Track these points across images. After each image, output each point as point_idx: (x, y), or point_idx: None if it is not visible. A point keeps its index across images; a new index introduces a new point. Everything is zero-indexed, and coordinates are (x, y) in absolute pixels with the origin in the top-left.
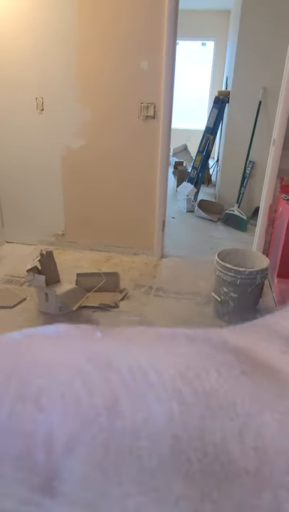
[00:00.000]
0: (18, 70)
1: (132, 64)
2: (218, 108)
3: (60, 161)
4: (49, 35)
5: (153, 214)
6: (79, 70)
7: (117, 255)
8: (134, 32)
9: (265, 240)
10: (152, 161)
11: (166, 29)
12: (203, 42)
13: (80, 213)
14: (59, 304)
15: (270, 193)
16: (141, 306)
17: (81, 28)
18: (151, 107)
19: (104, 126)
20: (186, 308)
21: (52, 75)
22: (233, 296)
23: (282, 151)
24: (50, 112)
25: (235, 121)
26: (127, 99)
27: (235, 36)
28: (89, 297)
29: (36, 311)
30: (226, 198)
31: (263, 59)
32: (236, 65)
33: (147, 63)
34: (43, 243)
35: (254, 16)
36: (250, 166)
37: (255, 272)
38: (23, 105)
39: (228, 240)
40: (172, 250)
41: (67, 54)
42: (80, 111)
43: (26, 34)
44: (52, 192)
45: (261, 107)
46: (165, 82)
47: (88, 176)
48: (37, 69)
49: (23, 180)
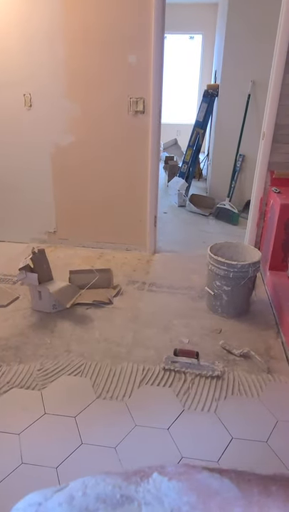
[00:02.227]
0: (6, 67)
1: (119, 59)
2: (208, 102)
3: (49, 157)
4: (36, 31)
5: (145, 209)
6: (67, 66)
7: (110, 251)
8: (122, 26)
9: (257, 233)
10: (143, 156)
11: (154, 23)
12: (191, 35)
13: (71, 210)
14: (53, 302)
15: (260, 186)
16: (135, 301)
17: (68, 23)
18: (141, 101)
19: (94, 122)
20: (180, 302)
21: (40, 71)
22: (226, 289)
23: (272, 144)
24: (39, 109)
25: (225, 114)
26: (115, 95)
27: (223, 29)
28: (82, 294)
29: (30, 309)
30: (217, 191)
31: (252, 52)
32: (224, 59)
33: (135, 58)
34: (34, 241)
35: (241, 9)
36: (240, 160)
37: (247, 265)
38: (11, 102)
39: (220, 234)
40: (165, 245)
41: (54, 50)
42: (69, 107)
43: (13, 30)
44: (42, 189)
45: (250, 100)
46: (154, 77)
47: (78, 173)
48: (24, 65)
49: (13, 178)
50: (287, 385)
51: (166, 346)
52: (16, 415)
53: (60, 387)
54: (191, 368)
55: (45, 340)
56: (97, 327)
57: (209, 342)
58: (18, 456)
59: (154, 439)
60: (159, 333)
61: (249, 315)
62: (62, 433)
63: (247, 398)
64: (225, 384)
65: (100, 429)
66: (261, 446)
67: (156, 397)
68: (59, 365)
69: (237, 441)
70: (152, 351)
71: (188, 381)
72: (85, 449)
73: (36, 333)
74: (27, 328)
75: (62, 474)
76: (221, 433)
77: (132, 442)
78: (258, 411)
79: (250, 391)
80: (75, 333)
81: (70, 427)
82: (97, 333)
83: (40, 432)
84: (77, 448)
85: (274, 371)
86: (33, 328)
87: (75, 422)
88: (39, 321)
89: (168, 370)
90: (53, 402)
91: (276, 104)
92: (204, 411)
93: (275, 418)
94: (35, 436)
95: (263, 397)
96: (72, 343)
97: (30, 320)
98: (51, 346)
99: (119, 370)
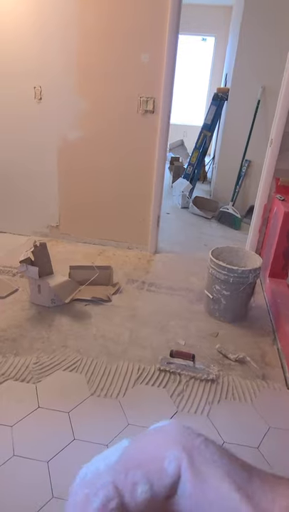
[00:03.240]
0: (18, 59)
1: (132, 57)
2: (217, 105)
3: (56, 151)
4: (51, 25)
5: (148, 209)
6: (79, 61)
7: (111, 249)
8: (136, 24)
9: (259, 240)
10: (149, 156)
11: (169, 23)
12: (203, 37)
13: (74, 205)
14: (52, 296)
15: (265, 192)
16: (133, 300)
17: (83, 18)
18: (151, 101)
19: (103, 119)
20: (179, 304)
21: (52, 65)
22: (226, 294)
23: (279, 151)
24: (49, 102)
25: (233, 119)
26: (126, 92)
27: (236, 33)
28: (82, 290)
29: (28, 302)
30: (220, 195)
31: (264, 58)
32: (236, 63)
33: (148, 56)
34: (36, 234)
35: (256, 14)
36: (246, 165)
37: (248, 270)
38: (22, 93)
39: (222, 238)
40: (166, 246)
41: (68, 44)
42: (79, 102)
43: (28, 23)
44: (47, 183)
45: (260, 106)
46: (166, 77)
47: (84, 168)
48: (37, 57)
49: (18, 170)
50: (281, 392)
51: (163, 347)
52: (10, 407)
53: (55, 381)
54: (187, 370)
55: (42, 334)
56: (95, 324)
57: (205, 345)
58: (10, 448)
59: None
60: (156, 333)
61: (247, 321)
62: (55, 428)
63: (240, 403)
64: (219, 388)
65: (93, 425)
66: (252, 452)
67: (150, 397)
68: (55, 360)
69: (228, 446)
70: (148, 351)
71: (182, 383)
72: (77, 445)
73: (34, 326)
74: (25, 320)
75: (54, 468)
76: (213, 437)
77: None
78: (251, 416)
79: (244, 396)
80: (73, 329)
81: (63, 422)
82: (95, 329)
83: (33, 425)
84: (69, 443)
85: (268, 378)
86: (31, 321)
87: (69, 418)
88: (37, 314)
89: (163, 370)
90: (48, 396)
91: (286, 112)
92: (197, 414)
93: (267, 424)
94: (28, 429)
95: (256, 403)
96: (69, 338)
97: (29, 313)
98: (48, 340)
99: (115, 368)
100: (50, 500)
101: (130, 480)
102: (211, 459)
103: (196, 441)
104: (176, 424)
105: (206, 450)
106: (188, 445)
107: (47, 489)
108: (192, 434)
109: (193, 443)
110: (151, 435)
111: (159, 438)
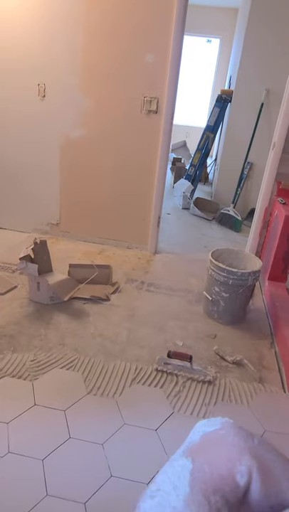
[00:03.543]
0: (23, 55)
1: (137, 56)
2: (220, 107)
3: (58, 149)
4: (56, 23)
5: (149, 209)
6: (84, 59)
7: (111, 248)
8: (142, 24)
9: (259, 242)
10: (152, 157)
11: (175, 23)
12: (208, 39)
13: (75, 204)
14: (50, 294)
15: (266, 195)
16: (132, 300)
17: (88, 16)
18: (154, 101)
19: (106, 118)
20: (177, 304)
21: (56, 62)
22: (225, 295)
23: (282, 155)
24: (52, 99)
25: (236, 121)
26: (130, 92)
27: (241, 35)
28: (81, 289)
29: (27, 299)
30: (222, 197)
31: (268, 61)
32: (241, 65)
33: (153, 57)
34: (36, 231)
35: (262, 17)
36: (248, 167)
37: (247, 273)
38: (25, 90)
39: (222, 240)
40: (166, 246)
41: (73, 42)
42: (82, 100)
43: (33, 20)
44: (48, 180)
45: (263, 109)
46: (170, 77)
47: (86, 167)
48: (42, 55)
49: (20, 166)
50: (278, 395)
51: (160, 347)
52: (6, 404)
53: (51, 379)
54: (184, 371)
55: (40, 332)
56: (93, 323)
57: (203, 346)
58: (6, 445)
59: (141, 438)
60: (154, 333)
61: (245, 323)
62: (51, 425)
63: (237, 405)
64: (216, 389)
65: (89, 424)
66: None
67: (146, 397)
68: (52, 358)
69: None
70: (146, 351)
71: (179, 384)
72: (73, 443)
73: (32, 323)
74: (23, 318)
75: (48, 466)
76: None
77: (119, 440)
78: (247, 419)
79: (241, 399)
80: (71, 327)
81: (59, 420)
82: (93, 328)
83: (28, 423)
84: (64, 441)
85: (265, 381)
86: (29, 318)
87: (65, 416)
88: (35, 311)
89: (160, 371)
90: (44, 394)
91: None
92: (193, 415)
93: (262, 428)
94: (23, 427)
95: (252, 405)
96: (67, 336)
97: (27, 310)
98: (46, 338)
99: (112, 368)
100: (44, 497)
101: (214, 508)
102: (271, 459)
103: (255, 441)
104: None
105: (265, 450)
106: (253, 449)
107: (41, 487)
108: (249, 435)
109: (254, 444)
110: (214, 448)
111: (224, 450)
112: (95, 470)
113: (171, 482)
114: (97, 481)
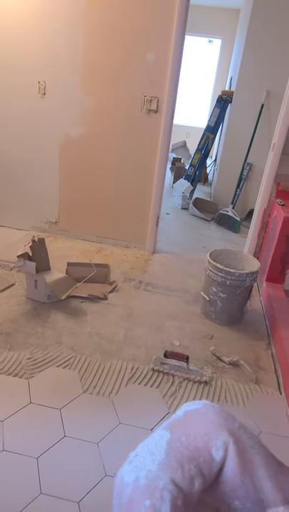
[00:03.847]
0: (24, 52)
1: (138, 55)
2: (221, 107)
3: (58, 147)
4: (57, 20)
5: (148, 208)
6: (84, 57)
7: (109, 247)
8: (143, 23)
9: (257, 243)
10: (151, 156)
11: (176, 23)
12: (209, 39)
13: (74, 202)
14: (48, 292)
15: (265, 197)
16: (130, 299)
17: (90, 14)
18: (155, 100)
19: (106, 116)
20: (175, 304)
21: (56, 60)
22: (222, 296)
23: (281, 156)
24: (52, 97)
25: (237, 122)
26: (130, 91)
27: (243, 36)
28: (78, 287)
29: (24, 297)
30: (221, 198)
31: (269, 62)
32: (242, 66)
33: (154, 56)
34: (35, 229)
35: (263, 18)
36: (247, 168)
37: (245, 274)
38: (25, 87)
39: (220, 240)
40: (164, 246)
41: (73, 40)
42: (82, 99)
43: (34, 17)
44: (48, 178)
45: (263, 110)
46: (170, 77)
47: (86, 165)
48: (42, 52)
49: (19, 164)
50: (274, 396)
51: (157, 347)
52: (1, 402)
53: (47, 377)
54: (180, 371)
55: (37, 330)
56: (90, 321)
57: (200, 347)
58: (0, 443)
59: (137, 438)
60: (151, 333)
61: (242, 324)
62: (46, 424)
63: (232, 406)
64: (212, 390)
65: (84, 423)
66: None
67: (142, 397)
68: (48, 356)
69: None
70: (143, 351)
71: (175, 384)
72: (68, 442)
73: (29, 321)
74: (20, 315)
75: (43, 465)
76: None
77: (114, 439)
78: (242, 420)
79: (236, 399)
80: (68, 326)
81: (54, 419)
82: (90, 327)
83: (24, 421)
84: (59, 440)
85: (262, 382)
86: (26, 316)
87: (60, 414)
88: (33, 309)
89: (156, 371)
90: (40, 392)
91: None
92: None
93: (258, 429)
94: (18, 425)
95: (248, 406)
96: (64, 335)
97: (24, 308)
98: (42, 336)
99: (108, 367)
100: (38, 496)
101: (187, 475)
102: (250, 444)
103: (235, 424)
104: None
105: (245, 434)
106: (231, 428)
107: (35, 485)
108: (230, 416)
109: (233, 426)
110: (193, 422)
111: (203, 425)
112: (90, 469)
113: (149, 449)
114: (91, 480)
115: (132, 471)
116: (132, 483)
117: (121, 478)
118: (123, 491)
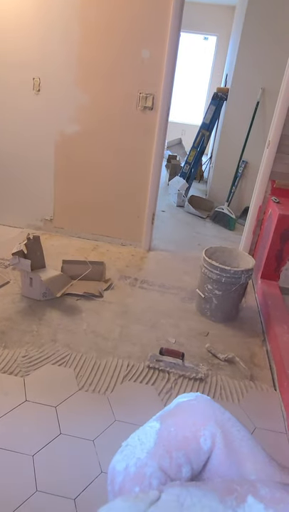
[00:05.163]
0: (18, 48)
1: (133, 52)
2: (216, 105)
3: (53, 144)
4: (52, 16)
5: (143, 206)
6: (79, 54)
7: (105, 245)
8: (138, 20)
9: (252, 241)
10: (147, 153)
11: (171, 19)
12: (205, 36)
13: (69, 200)
14: (43, 290)
15: (260, 194)
16: (125, 297)
17: (85, 11)
18: (150, 97)
19: (101, 114)
20: (170, 302)
21: (51, 57)
22: (217, 293)
23: (276, 153)
24: (47, 94)
25: (232, 119)
26: (125, 88)
27: (238, 34)
28: (74, 285)
29: (19, 295)
30: (216, 195)
31: (265, 60)
32: (237, 63)
33: (149, 53)
34: (30, 227)
35: (259, 15)
36: (242, 166)
37: (240, 271)
38: (20, 84)
39: (216, 238)
40: (160, 243)
41: (69, 36)
42: (77, 96)
43: (29, 13)
44: (43, 175)
45: (258, 108)
46: (166, 74)
47: (81, 163)
48: (37, 48)
49: (14, 161)
50: (268, 393)
51: (153, 344)
52: None
53: (43, 375)
54: (176, 368)
55: (32, 328)
56: (86, 319)
57: (195, 344)
58: None
59: None
60: (147, 330)
61: (237, 321)
62: (42, 421)
63: (228, 403)
64: (207, 387)
65: (80, 420)
66: None
67: (138, 394)
68: (44, 354)
69: None
70: (138, 348)
71: (171, 381)
72: (63, 439)
73: (24, 319)
74: (15, 313)
75: (39, 462)
76: None
77: (110, 436)
78: (237, 416)
79: (232, 396)
80: (63, 323)
81: (49, 416)
82: (85, 325)
83: (19, 419)
84: (55, 437)
85: (256, 379)
86: (21, 314)
87: (56, 412)
88: (28, 307)
89: (152, 368)
90: (35, 389)
91: (284, 114)
92: None
93: (253, 425)
94: (13, 423)
95: (243, 403)
96: (59, 332)
97: (19, 306)
98: (38, 334)
99: (104, 364)
100: (35, 493)
101: (175, 463)
102: (239, 436)
103: (225, 415)
104: (203, 399)
105: (234, 426)
106: (219, 419)
107: (31, 483)
108: (220, 408)
109: (223, 417)
110: (183, 413)
111: (192, 416)
112: (86, 466)
113: (139, 439)
114: (87, 477)
115: (122, 460)
116: (123, 471)
117: (113, 467)
118: (115, 478)
